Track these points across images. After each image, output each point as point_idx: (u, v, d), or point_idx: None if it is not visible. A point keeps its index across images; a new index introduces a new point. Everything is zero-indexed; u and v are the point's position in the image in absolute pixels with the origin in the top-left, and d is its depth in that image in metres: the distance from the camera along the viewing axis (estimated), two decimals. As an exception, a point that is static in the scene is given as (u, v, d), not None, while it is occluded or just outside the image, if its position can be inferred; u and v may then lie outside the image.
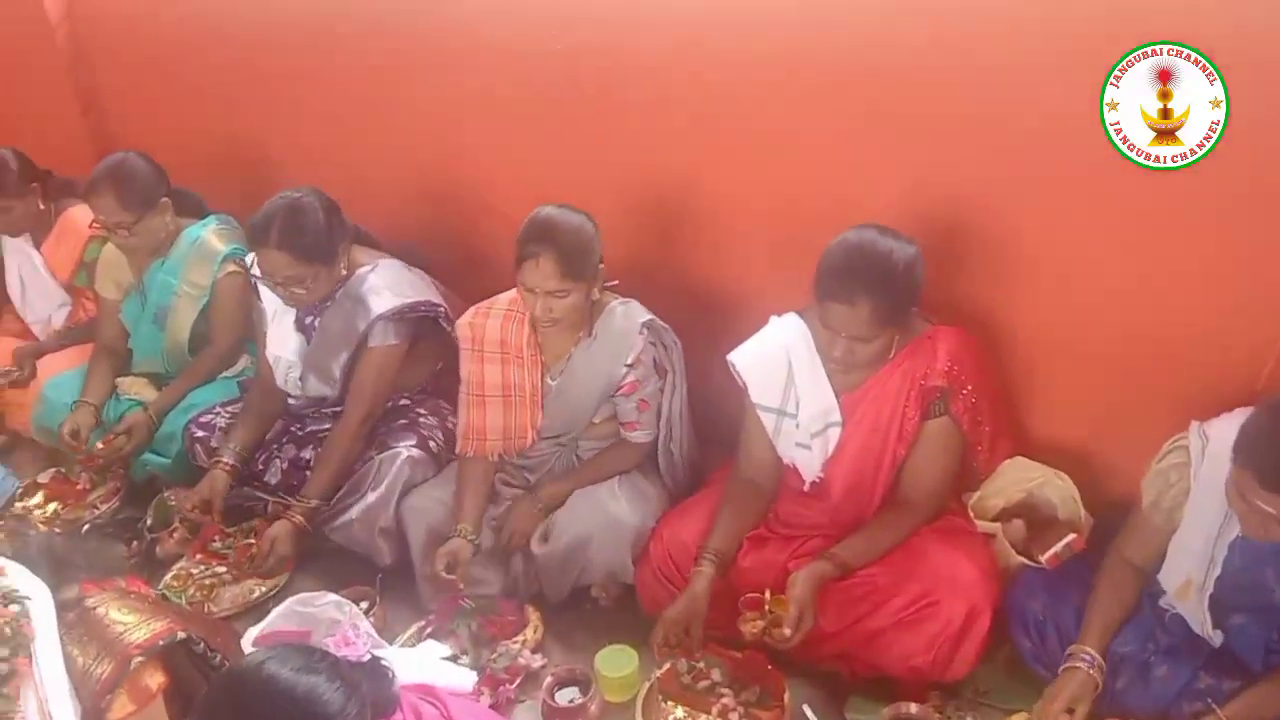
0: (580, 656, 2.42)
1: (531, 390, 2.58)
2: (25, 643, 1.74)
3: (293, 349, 2.82)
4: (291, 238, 2.57)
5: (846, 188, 2.41)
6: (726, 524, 2.35)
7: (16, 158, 3.27)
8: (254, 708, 1.32)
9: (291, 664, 1.35)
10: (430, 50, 2.94)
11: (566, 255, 2.36)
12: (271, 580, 2.71)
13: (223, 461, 2.80)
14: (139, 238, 3.01)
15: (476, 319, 2.61)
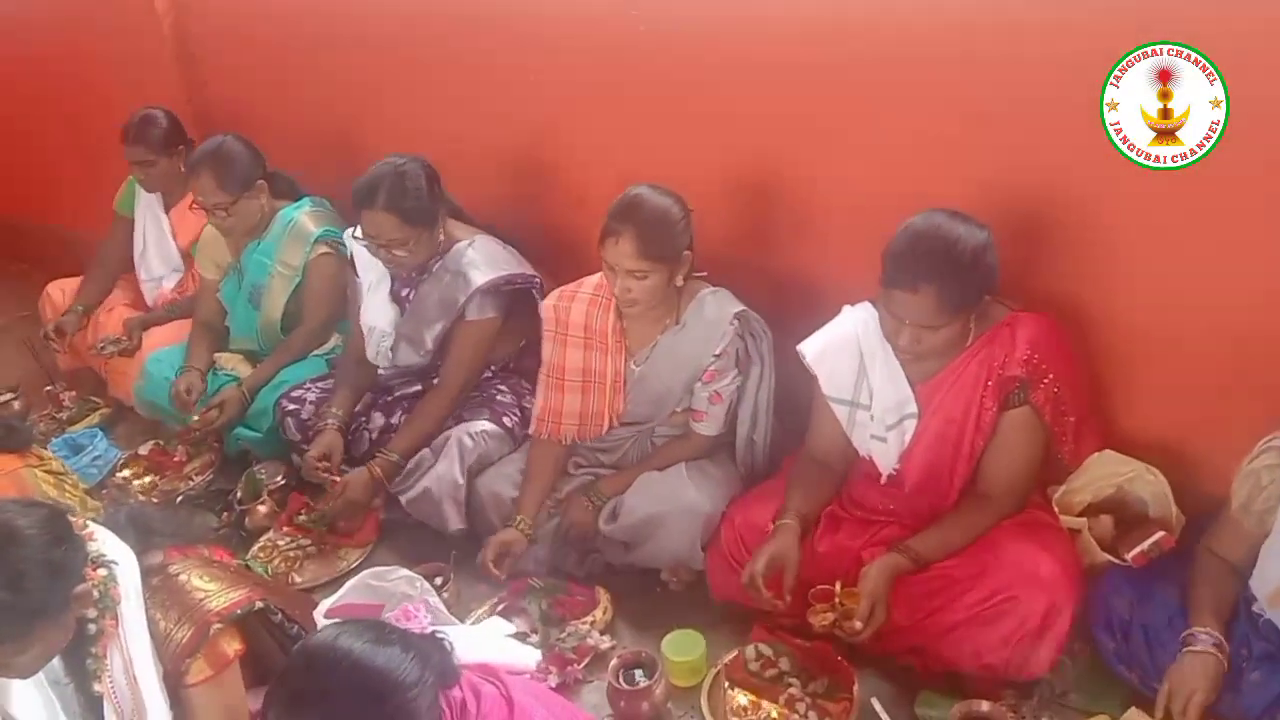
0: (648, 640, 2.41)
1: (613, 377, 2.58)
2: (113, 605, 1.81)
3: (388, 319, 2.90)
4: (397, 200, 2.65)
5: (931, 175, 2.34)
6: (801, 492, 2.32)
7: (167, 117, 3.43)
8: (333, 681, 1.35)
9: (365, 637, 1.38)
10: (521, 35, 2.95)
11: (647, 235, 2.35)
12: (355, 552, 2.79)
13: (330, 422, 2.88)
14: (236, 218, 3.12)
15: (561, 302, 2.63)
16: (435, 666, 1.40)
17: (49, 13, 4.17)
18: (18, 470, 2.21)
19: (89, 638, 1.82)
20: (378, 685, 1.33)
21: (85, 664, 1.85)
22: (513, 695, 1.50)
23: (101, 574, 1.80)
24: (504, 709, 1.48)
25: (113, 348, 3.48)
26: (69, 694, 1.88)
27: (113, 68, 4.00)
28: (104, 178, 3.73)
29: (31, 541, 1.69)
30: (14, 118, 4.50)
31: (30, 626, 1.70)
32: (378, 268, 2.86)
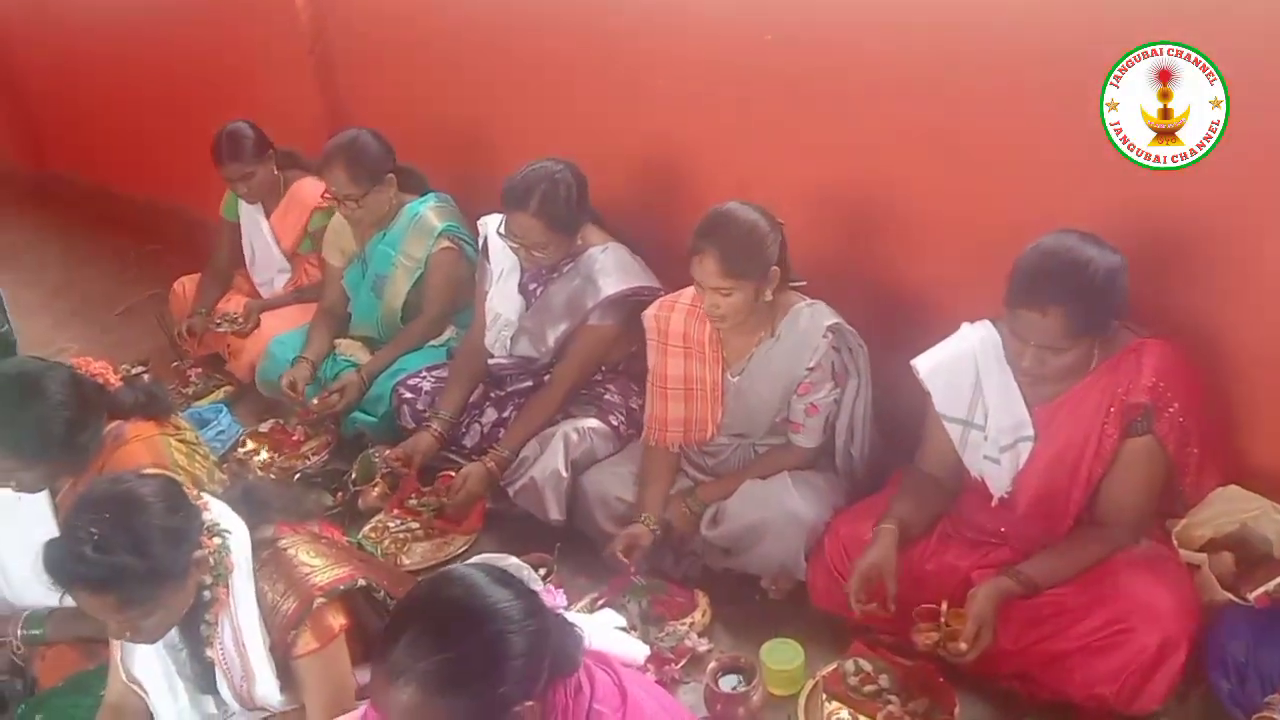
0: (745, 646, 2.43)
1: (713, 386, 2.60)
2: (225, 574, 1.89)
3: (513, 309, 2.98)
4: (548, 206, 2.73)
5: (1050, 193, 2.31)
6: (907, 501, 2.31)
7: (251, 128, 3.53)
8: (442, 595, 1.41)
9: (489, 574, 1.43)
10: (649, 43, 2.99)
11: (730, 253, 2.36)
12: (461, 538, 2.86)
13: (432, 427, 2.98)
14: (364, 210, 3.22)
15: (661, 312, 2.66)
16: (550, 640, 1.43)
17: (195, 9, 4.36)
18: (155, 438, 2.30)
19: (203, 604, 1.90)
20: (477, 608, 1.38)
21: (199, 630, 1.93)
22: (625, 686, 1.53)
23: (216, 543, 1.88)
24: (617, 698, 1.51)
25: (228, 325, 3.63)
26: (183, 659, 1.99)
27: (251, 61, 4.17)
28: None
29: (152, 508, 1.78)
30: (157, 106, 4.72)
31: (156, 590, 1.79)
32: (510, 258, 2.93)
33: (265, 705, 1.98)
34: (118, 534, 1.72)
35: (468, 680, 1.35)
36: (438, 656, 1.34)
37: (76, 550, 1.71)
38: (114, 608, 1.77)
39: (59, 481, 2.26)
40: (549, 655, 1.42)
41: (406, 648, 1.35)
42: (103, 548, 1.71)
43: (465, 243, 3.28)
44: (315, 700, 1.96)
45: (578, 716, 1.47)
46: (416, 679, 1.34)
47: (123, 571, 1.72)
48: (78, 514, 1.75)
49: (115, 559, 1.71)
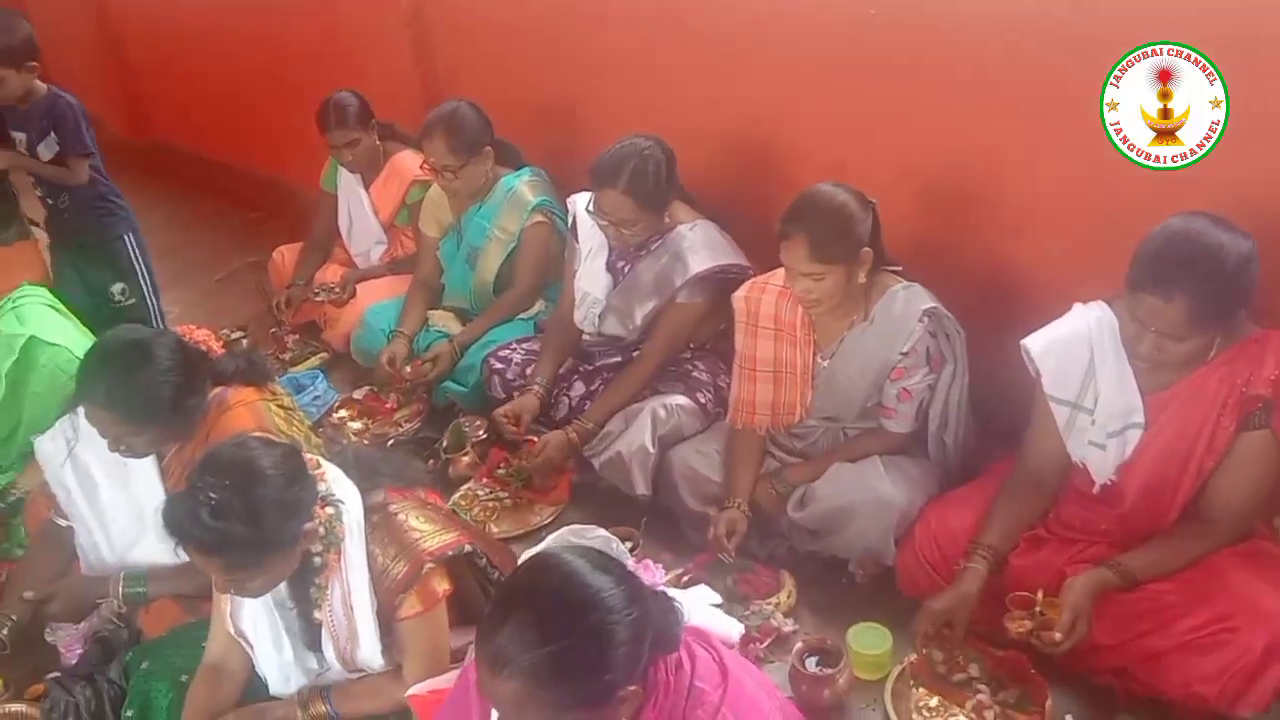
0: (830, 629, 2.41)
1: (803, 369, 2.57)
2: (337, 541, 1.94)
3: (601, 287, 2.99)
4: (637, 183, 2.73)
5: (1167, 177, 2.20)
6: (1003, 520, 2.25)
7: (356, 97, 3.59)
8: (543, 583, 1.41)
9: (587, 558, 1.44)
10: (747, 18, 2.96)
11: (819, 237, 2.32)
12: (548, 509, 2.90)
13: (536, 389, 3.01)
14: (462, 181, 3.25)
15: (752, 293, 2.63)
16: (649, 617, 1.43)
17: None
18: (255, 403, 2.36)
19: (314, 569, 1.95)
20: (580, 598, 1.38)
21: (309, 593, 1.99)
22: (726, 663, 1.53)
23: (329, 512, 1.93)
24: (717, 675, 1.51)
25: (325, 294, 3.72)
26: (292, 618, 2.04)
27: (351, 36, 4.22)
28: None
29: (271, 481, 1.83)
30: (258, 79, 4.83)
31: (262, 558, 1.84)
32: (598, 236, 2.94)
33: (365, 666, 2.03)
34: (234, 502, 1.77)
35: (571, 672, 1.36)
36: (541, 650, 1.35)
37: (193, 512, 1.77)
38: (220, 568, 1.83)
39: (165, 446, 2.33)
40: (650, 638, 1.42)
41: (509, 639, 1.36)
42: (218, 514, 1.76)
43: (558, 217, 3.30)
44: (413, 662, 2.01)
45: (679, 693, 1.48)
46: (520, 671, 1.35)
47: (233, 539, 1.78)
48: (201, 475, 1.80)
49: (227, 526, 1.76)
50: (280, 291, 3.86)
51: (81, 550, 2.44)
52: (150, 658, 2.22)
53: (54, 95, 3.51)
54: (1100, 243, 2.09)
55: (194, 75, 5.34)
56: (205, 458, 1.86)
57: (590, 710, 1.39)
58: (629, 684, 1.40)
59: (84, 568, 2.45)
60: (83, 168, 3.54)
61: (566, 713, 1.37)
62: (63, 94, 3.53)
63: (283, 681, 2.08)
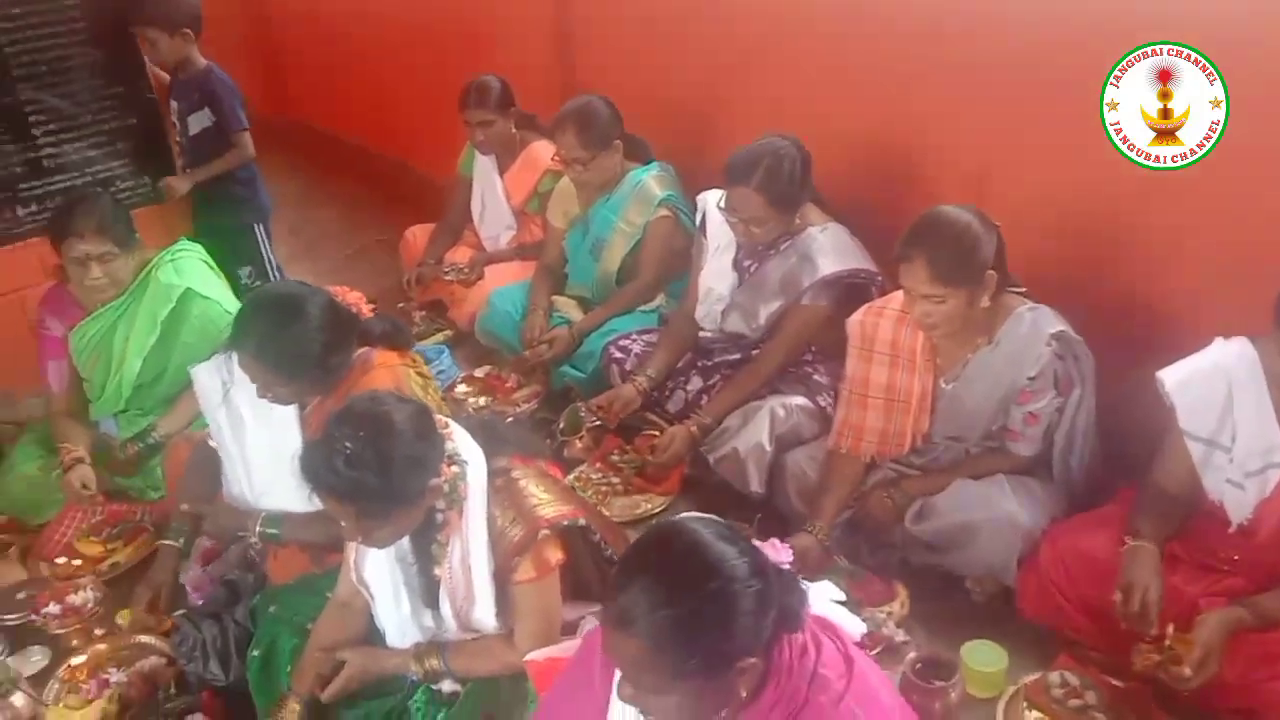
0: (940, 643, 2.37)
1: (920, 395, 2.53)
2: (460, 500, 1.99)
3: (726, 284, 2.99)
4: (770, 182, 2.73)
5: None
6: (1150, 521, 2.19)
7: (499, 81, 3.68)
8: (667, 548, 1.43)
9: (712, 528, 1.45)
10: (887, 20, 2.94)
11: (940, 260, 2.28)
12: (659, 498, 2.92)
13: (637, 381, 3.04)
14: (591, 173, 3.31)
15: (868, 317, 2.59)
16: (774, 594, 1.43)
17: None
18: (396, 366, 2.43)
19: (436, 526, 2.01)
20: (706, 564, 1.39)
21: (430, 549, 2.05)
22: (852, 655, 1.53)
23: (454, 471, 1.97)
24: (842, 666, 1.50)
25: (455, 274, 3.82)
26: (412, 573, 2.10)
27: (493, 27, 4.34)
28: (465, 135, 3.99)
29: (403, 435, 1.88)
30: (397, 66, 4.99)
31: (389, 509, 1.90)
32: (727, 234, 2.95)
33: (480, 627, 2.07)
34: (367, 453, 1.83)
35: (695, 635, 1.37)
36: (667, 610, 1.36)
37: (329, 460, 1.84)
38: (350, 515, 1.89)
39: (308, 399, 2.42)
40: (774, 612, 1.43)
41: (635, 598, 1.38)
42: (352, 463, 1.83)
43: (683, 213, 3.33)
44: (525, 627, 2.05)
45: (801, 677, 1.47)
46: (644, 630, 1.37)
47: (364, 488, 1.84)
48: (338, 426, 1.87)
49: (360, 475, 1.83)
50: (411, 269, 3.96)
51: (225, 480, 2.55)
52: (278, 603, 2.31)
53: (210, 70, 3.66)
54: (1248, 275, 2.01)
55: (336, 59, 5.54)
56: (342, 410, 1.93)
57: (709, 677, 1.40)
58: (749, 656, 1.41)
59: (225, 495, 2.56)
60: (246, 142, 3.69)
61: (686, 677, 1.38)
62: (220, 72, 3.69)
63: (399, 636, 2.14)
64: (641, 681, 1.40)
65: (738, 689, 1.43)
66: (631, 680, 1.41)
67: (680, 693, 1.39)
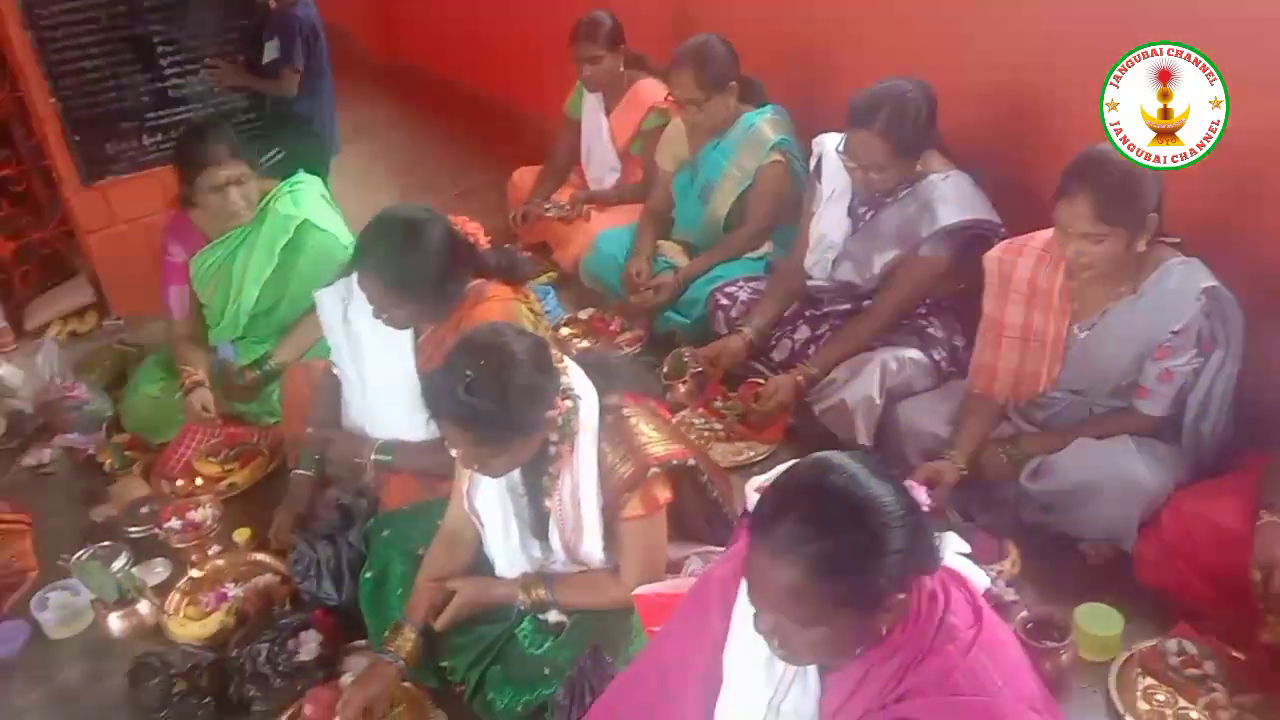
0: (1052, 605, 2.30)
1: (1054, 339, 2.45)
2: (572, 434, 2.00)
3: (840, 232, 2.92)
4: (894, 126, 2.64)
5: None
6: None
7: (611, 18, 3.65)
8: (824, 485, 1.40)
9: (868, 465, 1.43)
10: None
11: (1106, 197, 2.18)
12: (762, 446, 2.91)
13: (745, 333, 3.01)
14: (705, 115, 3.25)
15: (1006, 255, 2.51)
16: (921, 537, 1.41)
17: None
18: (510, 301, 2.45)
19: (548, 458, 2.03)
20: (865, 498, 1.37)
21: (541, 481, 2.07)
22: (980, 606, 1.49)
23: (567, 405, 1.99)
24: (970, 616, 1.47)
25: (557, 211, 3.84)
26: (522, 504, 2.13)
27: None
28: (572, 78, 3.95)
29: (522, 365, 1.90)
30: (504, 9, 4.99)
31: (508, 437, 1.93)
32: (843, 179, 2.88)
33: (587, 560, 2.10)
34: (488, 381, 1.86)
35: (849, 568, 1.36)
36: (824, 541, 1.35)
37: (451, 387, 1.86)
38: (469, 443, 1.92)
39: (422, 325, 2.45)
40: (917, 550, 1.40)
41: (792, 528, 1.36)
42: (473, 390, 1.85)
43: (795, 158, 3.26)
44: (630, 563, 2.07)
45: (929, 623, 1.45)
46: (800, 560, 1.35)
47: (484, 415, 1.86)
48: (459, 354, 1.90)
49: (480, 403, 1.85)
50: (517, 208, 3.98)
51: (344, 406, 2.61)
52: (391, 528, 2.37)
53: (295, 5, 3.73)
54: None
55: (448, 3, 5.55)
56: (463, 339, 1.96)
57: (857, 612, 1.39)
58: (897, 592, 1.39)
59: (344, 420, 2.62)
60: (292, 80, 3.77)
61: (836, 610, 1.37)
62: (304, 8, 3.75)
63: (507, 565, 2.17)
64: (791, 613, 1.38)
65: (879, 626, 1.42)
66: (780, 610, 1.39)
67: (827, 626, 1.38)
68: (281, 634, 2.28)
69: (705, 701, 1.62)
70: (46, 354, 3.28)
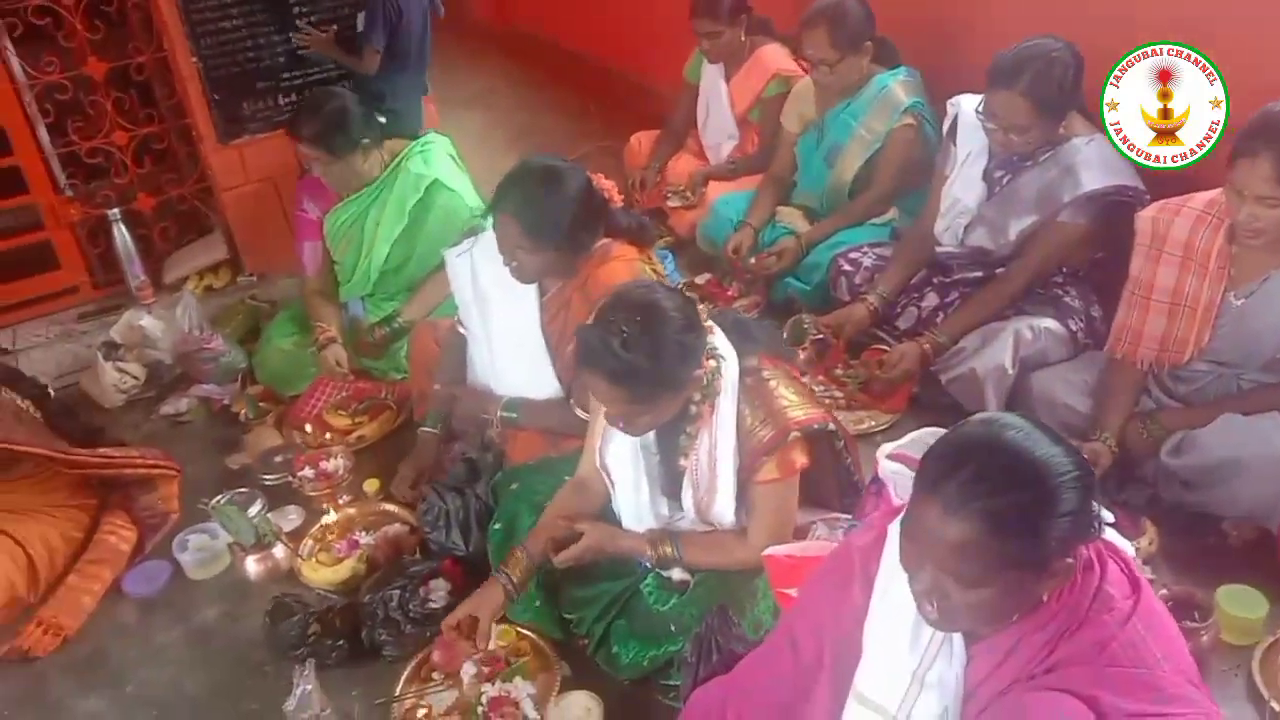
0: (1189, 585, 2.22)
1: (1206, 305, 2.34)
2: (714, 394, 2.00)
3: (975, 196, 2.84)
4: (1039, 87, 2.56)
5: None
6: None
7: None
8: (1004, 435, 1.37)
9: (1043, 427, 1.39)
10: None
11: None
12: (884, 416, 2.87)
13: (869, 301, 2.97)
14: (837, 75, 3.19)
15: (1163, 214, 2.41)
16: (1090, 501, 1.38)
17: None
18: (635, 261, 2.45)
19: (688, 417, 2.03)
20: (1042, 457, 1.34)
21: (678, 440, 2.07)
22: (1138, 577, 1.45)
23: (711, 365, 1.98)
24: (1127, 587, 1.43)
25: (677, 200, 3.81)
26: (654, 463, 2.13)
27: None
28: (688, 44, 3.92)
29: (674, 322, 1.91)
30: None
31: (657, 394, 1.93)
32: (979, 142, 2.80)
33: (717, 521, 2.10)
34: (643, 337, 1.87)
35: (1021, 527, 1.33)
36: (999, 498, 1.32)
37: (606, 342, 1.88)
38: (620, 399, 1.93)
39: (548, 281, 2.47)
40: (1086, 516, 1.37)
41: (966, 484, 1.33)
42: (628, 345, 1.86)
43: (928, 122, 3.18)
44: (760, 525, 2.06)
45: (1084, 593, 1.41)
46: (974, 515, 1.32)
47: (637, 371, 1.87)
48: (613, 310, 1.91)
49: (635, 358, 1.86)
50: (635, 172, 3.98)
51: (470, 363, 2.66)
52: (519, 481, 2.41)
53: None
54: None
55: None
56: (616, 295, 1.97)
57: (1023, 575, 1.36)
58: (1064, 556, 1.36)
59: (469, 377, 2.67)
60: (371, 59, 3.76)
61: (1003, 571, 1.34)
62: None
63: (635, 521, 2.18)
64: (956, 572, 1.36)
65: (1041, 591, 1.39)
66: (944, 569, 1.37)
67: (991, 587, 1.36)
68: (412, 582, 2.35)
69: (842, 673, 1.60)
70: (185, 306, 3.41)
